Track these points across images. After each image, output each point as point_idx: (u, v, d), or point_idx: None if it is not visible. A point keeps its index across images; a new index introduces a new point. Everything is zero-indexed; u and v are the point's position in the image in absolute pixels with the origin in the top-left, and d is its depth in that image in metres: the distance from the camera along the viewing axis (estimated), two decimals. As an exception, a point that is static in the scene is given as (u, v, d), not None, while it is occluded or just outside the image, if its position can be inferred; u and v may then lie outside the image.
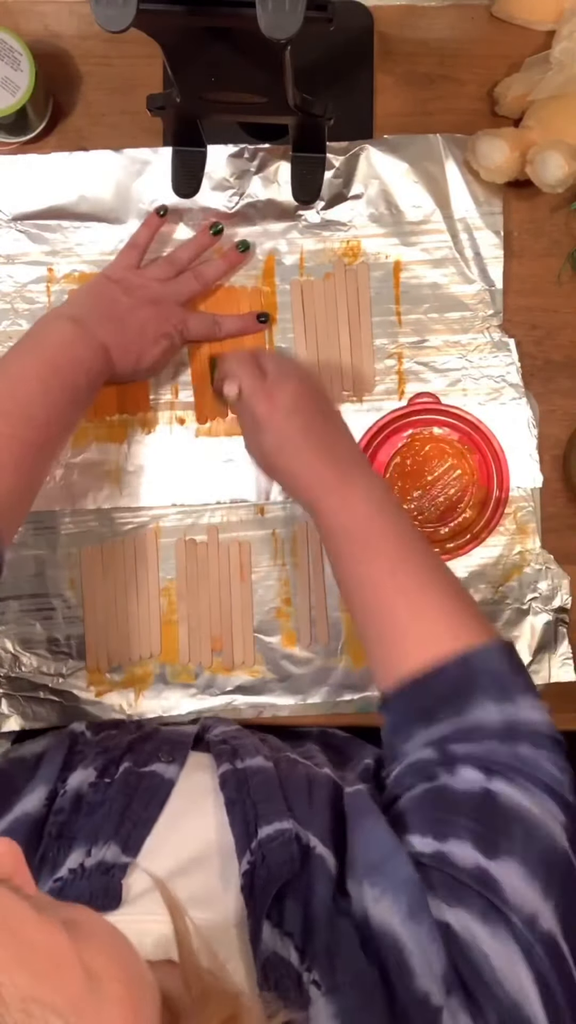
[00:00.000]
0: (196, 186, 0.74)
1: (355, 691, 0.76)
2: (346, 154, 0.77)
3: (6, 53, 0.70)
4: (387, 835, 0.48)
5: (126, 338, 0.69)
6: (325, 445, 0.62)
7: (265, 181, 0.77)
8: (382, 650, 0.58)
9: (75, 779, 0.55)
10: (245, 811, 0.50)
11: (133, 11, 0.47)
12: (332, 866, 0.47)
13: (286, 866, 0.46)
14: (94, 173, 0.77)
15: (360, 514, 0.60)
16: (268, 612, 0.77)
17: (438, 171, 0.77)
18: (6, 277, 0.77)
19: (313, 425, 0.62)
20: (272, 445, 0.62)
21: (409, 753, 0.53)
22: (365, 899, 0.44)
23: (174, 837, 0.50)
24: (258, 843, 0.47)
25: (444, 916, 0.42)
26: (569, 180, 0.71)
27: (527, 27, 0.78)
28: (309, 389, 0.64)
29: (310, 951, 0.42)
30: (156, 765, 0.55)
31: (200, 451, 0.77)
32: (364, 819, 0.50)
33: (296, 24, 0.45)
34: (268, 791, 0.51)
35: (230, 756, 0.55)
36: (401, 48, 0.78)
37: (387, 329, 0.78)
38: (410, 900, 0.43)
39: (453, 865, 0.45)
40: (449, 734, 0.52)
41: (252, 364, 0.65)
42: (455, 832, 0.46)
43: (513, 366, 0.77)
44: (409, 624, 0.57)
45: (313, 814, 0.50)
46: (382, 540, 0.59)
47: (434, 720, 0.52)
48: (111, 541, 0.77)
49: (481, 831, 0.46)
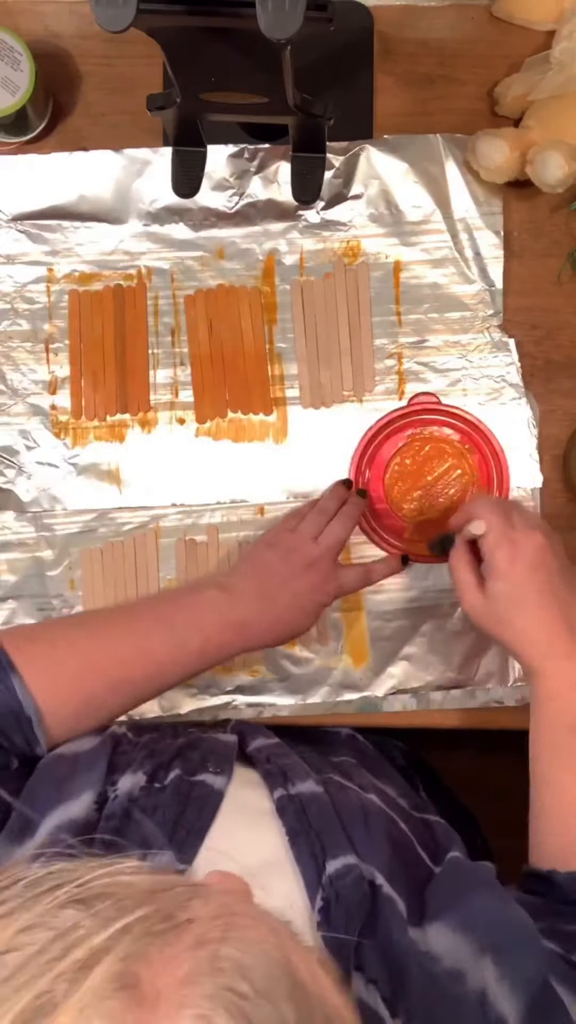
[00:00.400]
0: (196, 186, 0.74)
1: (355, 691, 0.76)
2: (346, 154, 0.77)
3: (6, 53, 0.70)
4: (524, 918, 0.47)
5: (274, 614, 0.66)
6: (561, 609, 0.60)
7: (265, 181, 0.77)
8: (561, 835, 0.57)
9: (125, 783, 0.53)
10: (311, 843, 0.49)
11: (133, 11, 0.47)
12: (402, 908, 0.46)
13: (362, 906, 0.45)
14: (94, 173, 0.77)
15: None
16: (268, 612, 0.77)
17: (438, 171, 0.77)
18: (6, 277, 0.77)
19: (555, 585, 0.60)
20: (506, 596, 0.60)
21: None
22: (485, 973, 0.43)
23: (230, 851, 0.49)
24: (328, 879, 0.46)
25: None
26: (569, 180, 0.71)
27: (527, 27, 0.78)
28: (554, 547, 0.62)
29: (403, 1005, 0.41)
30: (205, 775, 0.54)
31: (200, 451, 0.77)
32: (487, 888, 0.49)
33: (296, 24, 0.45)
34: (327, 821, 0.51)
35: (281, 780, 0.54)
36: (401, 48, 0.78)
37: (387, 329, 0.78)
38: (531, 1001, 0.42)
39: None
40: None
41: (503, 509, 0.62)
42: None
43: (513, 366, 0.77)
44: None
45: (372, 847, 0.50)
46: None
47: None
48: (111, 541, 0.77)
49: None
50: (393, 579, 0.76)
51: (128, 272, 0.78)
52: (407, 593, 0.77)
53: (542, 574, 0.60)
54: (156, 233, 0.78)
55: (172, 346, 0.78)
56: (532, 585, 0.60)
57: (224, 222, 0.77)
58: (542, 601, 0.60)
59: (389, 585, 0.76)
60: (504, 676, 0.76)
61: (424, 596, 0.77)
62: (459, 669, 0.76)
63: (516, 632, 0.60)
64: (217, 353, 0.78)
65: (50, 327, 0.77)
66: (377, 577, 0.73)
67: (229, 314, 0.77)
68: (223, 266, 0.78)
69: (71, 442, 0.77)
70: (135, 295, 0.78)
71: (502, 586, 0.60)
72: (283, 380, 0.78)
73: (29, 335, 0.77)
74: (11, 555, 0.76)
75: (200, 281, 0.78)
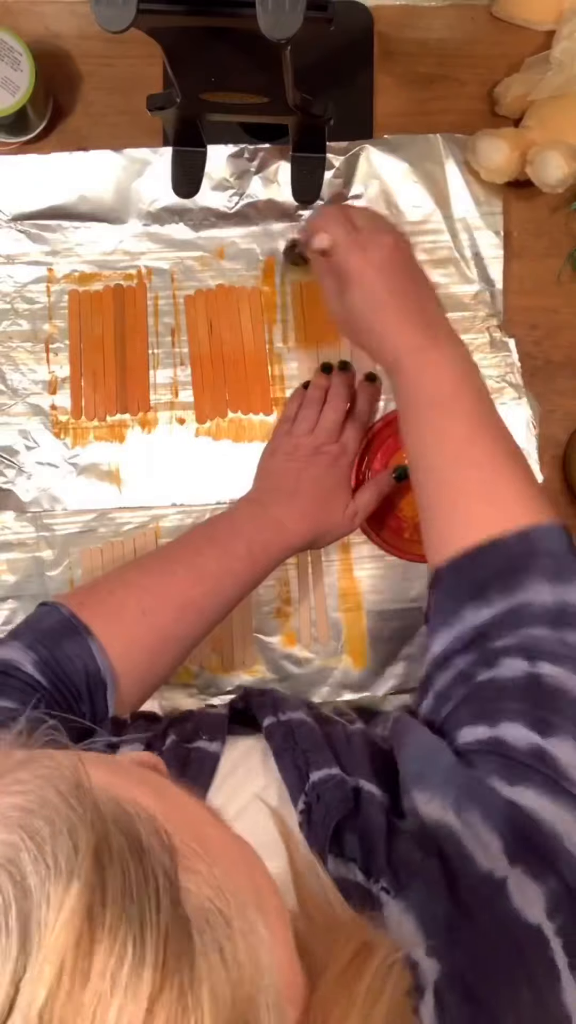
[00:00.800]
0: (196, 186, 0.74)
1: (355, 691, 0.76)
2: (346, 154, 0.77)
3: (6, 53, 0.70)
4: (428, 740, 0.48)
5: (302, 504, 0.69)
6: (415, 305, 0.60)
7: (265, 181, 0.77)
8: (443, 520, 0.57)
9: (123, 752, 0.53)
10: (295, 758, 0.49)
11: (133, 11, 0.47)
12: (382, 798, 0.47)
13: (342, 804, 0.46)
14: (94, 173, 0.77)
15: (445, 379, 0.58)
16: (268, 612, 0.77)
17: (438, 171, 0.77)
18: (6, 277, 0.77)
19: (405, 284, 0.60)
20: (360, 302, 0.60)
21: (452, 658, 0.52)
22: (417, 806, 0.44)
23: (226, 795, 0.50)
24: (311, 785, 0.47)
25: (507, 795, 0.43)
26: (569, 180, 0.71)
27: (527, 27, 0.78)
28: (402, 247, 0.61)
29: (374, 868, 0.42)
30: (199, 742, 0.55)
31: (200, 451, 0.77)
32: (407, 736, 0.50)
33: (296, 24, 0.45)
34: (314, 741, 0.51)
35: (272, 709, 0.55)
36: (401, 48, 0.78)
37: (387, 329, 0.78)
38: (457, 791, 0.43)
39: (509, 746, 0.45)
40: (496, 618, 0.50)
41: (345, 217, 0.62)
42: (506, 716, 0.46)
43: (513, 366, 0.77)
44: (477, 495, 0.56)
45: (356, 762, 0.50)
46: (463, 408, 0.58)
47: (484, 597, 0.51)
48: (111, 541, 0.77)
49: (532, 712, 0.46)
50: (393, 579, 0.76)
51: (128, 272, 0.78)
52: (407, 593, 0.77)
53: (393, 275, 0.60)
54: (156, 233, 0.78)
55: (172, 346, 0.78)
56: (384, 287, 0.60)
57: (224, 222, 0.77)
58: (394, 300, 0.60)
59: (389, 585, 0.76)
60: (504, 676, 0.76)
61: (424, 596, 0.76)
62: (459, 669, 0.76)
63: (374, 335, 0.61)
64: (217, 353, 0.78)
65: (50, 327, 0.77)
66: (384, 486, 0.74)
67: (229, 314, 0.77)
68: (223, 266, 0.78)
69: (71, 442, 0.77)
70: (135, 295, 0.78)
71: (354, 292, 0.60)
72: (283, 380, 0.78)
73: (29, 335, 0.77)
74: (11, 555, 0.76)
75: (200, 281, 0.78)
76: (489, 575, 0.52)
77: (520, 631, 0.50)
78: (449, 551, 0.54)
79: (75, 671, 0.58)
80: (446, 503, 0.57)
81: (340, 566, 0.77)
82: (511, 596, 0.50)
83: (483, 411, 0.59)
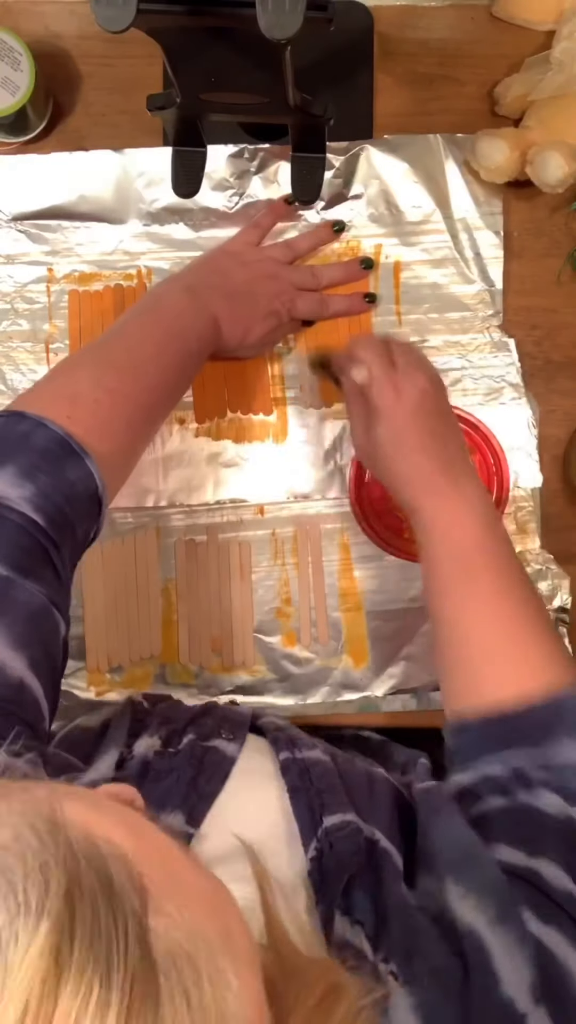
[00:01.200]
0: (196, 186, 0.74)
1: (355, 691, 0.76)
2: (346, 154, 0.77)
3: (6, 53, 0.70)
4: (471, 835, 0.47)
5: (236, 311, 0.69)
6: (442, 449, 0.61)
7: (265, 181, 0.77)
8: (469, 674, 0.57)
9: (141, 746, 0.54)
10: (310, 799, 0.49)
11: (133, 11, 0.47)
12: (399, 861, 0.47)
13: (354, 856, 0.45)
14: (94, 173, 0.77)
15: (468, 529, 0.58)
16: (268, 612, 0.77)
17: (438, 171, 0.77)
18: (6, 277, 0.77)
19: (434, 428, 0.61)
20: (388, 439, 0.61)
21: (478, 766, 0.53)
22: (448, 895, 0.44)
23: (236, 815, 0.50)
24: (324, 831, 0.47)
25: (534, 931, 0.42)
26: (569, 180, 0.71)
27: (527, 27, 0.78)
28: (435, 387, 0.62)
29: (384, 942, 0.42)
30: (218, 741, 0.55)
31: (200, 451, 0.77)
32: (441, 815, 0.49)
33: (296, 24, 0.45)
34: (330, 782, 0.51)
35: (288, 745, 0.55)
36: (401, 48, 0.78)
37: (387, 329, 0.78)
38: (499, 905, 0.43)
39: (546, 884, 0.45)
40: (524, 763, 0.51)
41: (384, 352, 0.63)
42: (546, 853, 0.46)
43: (513, 366, 0.77)
44: (502, 652, 0.56)
45: (374, 808, 0.50)
46: (487, 562, 0.58)
47: (510, 748, 0.52)
48: (111, 541, 0.77)
49: (571, 858, 0.46)
50: (393, 579, 0.76)
51: (128, 272, 0.78)
52: (407, 593, 0.77)
53: (423, 417, 0.61)
54: (156, 233, 0.78)
55: (172, 346, 0.78)
56: (413, 428, 0.60)
57: (224, 222, 0.77)
58: (423, 443, 0.60)
59: (389, 585, 0.76)
60: (504, 676, 0.76)
61: (424, 596, 0.77)
62: (459, 669, 0.76)
63: (397, 475, 0.61)
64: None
65: (50, 327, 0.77)
66: (334, 307, 0.75)
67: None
68: (223, 266, 0.78)
69: (71, 442, 0.77)
70: (135, 295, 0.78)
71: (384, 430, 0.61)
72: (283, 380, 0.78)
73: (29, 335, 0.77)
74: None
75: (200, 281, 0.78)
76: (520, 735, 0.53)
77: (554, 773, 0.50)
78: (475, 703, 0.55)
79: (76, 496, 0.55)
80: (474, 658, 0.57)
81: (340, 566, 0.77)
82: (543, 752, 0.51)
83: (507, 564, 0.59)
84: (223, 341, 0.69)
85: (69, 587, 0.56)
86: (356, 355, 0.63)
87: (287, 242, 0.75)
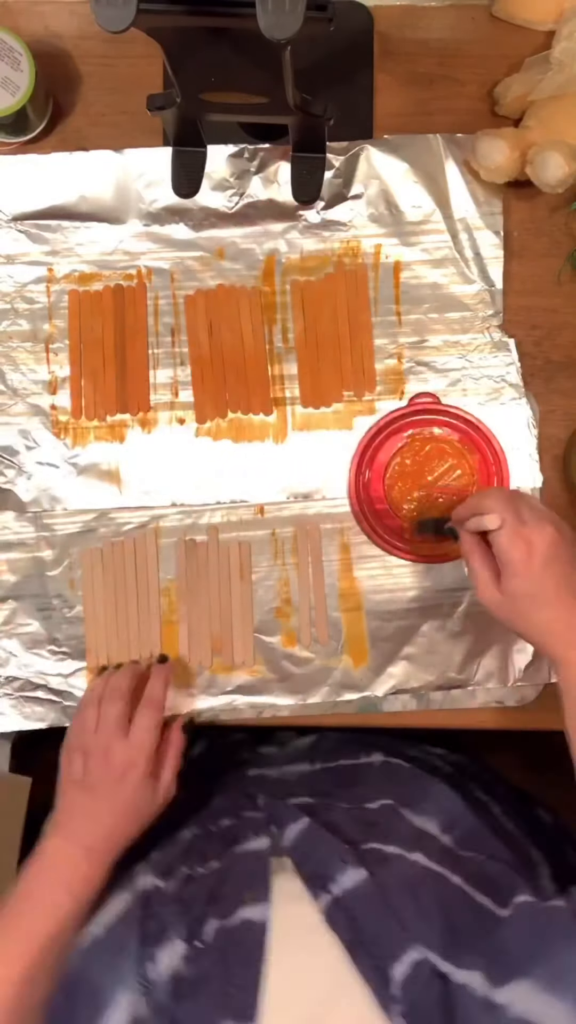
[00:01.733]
0: (196, 186, 0.74)
1: (355, 691, 0.76)
2: (346, 154, 0.77)
3: (6, 53, 0.71)
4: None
5: (104, 824, 0.64)
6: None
7: (265, 181, 0.77)
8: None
9: (165, 959, 0.51)
10: (371, 955, 0.48)
11: (133, 11, 0.47)
12: (477, 987, 0.46)
13: (440, 1003, 0.45)
14: (94, 173, 0.77)
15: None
16: (268, 612, 0.77)
17: (438, 171, 0.77)
18: (6, 277, 0.77)
19: (568, 577, 0.61)
20: (524, 592, 0.61)
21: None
22: None
23: (291, 990, 0.48)
24: (400, 989, 0.46)
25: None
26: (569, 180, 0.71)
27: (527, 27, 0.78)
28: (565, 538, 0.62)
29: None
30: (243, 911, 0.53)
31: (200, 451, 0.77)
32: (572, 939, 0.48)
33: (296, 24, 0.45)
34: (378, 918, 0.50)
35: (321, 882, 0.54)
36: (401, 48, 0.78)
37: (387, 329, 0.78)
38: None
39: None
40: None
41: (512, 503, 0.62)
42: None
43: (513, 366, 0.77)
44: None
45: (426, 924, 0.50)
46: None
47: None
48: (111, 541, 0.77)
49: None
50: (393, 579, 0.76)
51: (128, 272, 0.78)
52: (407, 593, 0.77)
53: (557, 567, 0.61)
54: (156, 233, 0.78)
55: (172, 346, 0.78)
56: (549, 580, 0.60)
57: (224, 222, 0.77)
58: (559, 594, 0.60)
59: (389, 585, 0.76)
60: (504, 676, 0.76)
61: (424, 596, 0.77)
62: (459, 669, 0.76)
63: (536, 626, 0.61)
64: (217, 353, 0.78)
65: (50, 327, 0.77)
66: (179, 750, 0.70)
67: (229, 314, 0.77)
68: (223, 266, 0.78)
69: (71, 442, 0.77)
70: (135, 295, 0.78)
71: (519, 583, 0.61)
72: (283, 380, 0.78)
73: (29, 335, 0.77)
74: (11, 555, 0.76)
75: (200, 281, 0.78)
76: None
77: None
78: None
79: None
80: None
81: (340, 566, 0.77)
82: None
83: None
84: (111, 853, 0.64)
85: None
86: (484, 506, 0.63)
87: (108, 698, 0.69)
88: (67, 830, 0.64)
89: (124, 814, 0.65)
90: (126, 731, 0.67)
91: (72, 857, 0.63)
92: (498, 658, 0.76)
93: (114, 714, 0.67)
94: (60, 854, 0.63)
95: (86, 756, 0.66)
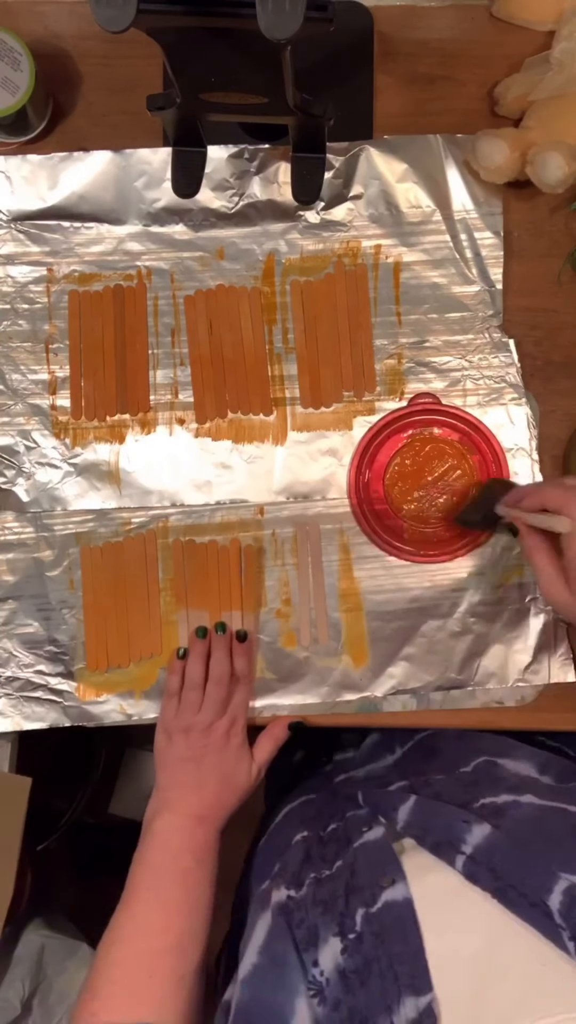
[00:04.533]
0: (196, 186, 0.74)
1: (355, 691, 0.76)
2: (346, 154, 0.77)
3: (6, 53, 0.71)
4: None
5: (212, 793, 0.70)
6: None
7: (265, 181, 0.77)
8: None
9: (326, 958, 0.51)
10: (522, 894, 0.48)
11: (133, 11, 0.47)
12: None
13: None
14: (94, 173, 0.77)
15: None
16: (268, 612, 0.77)
17: (438, 171, 0.77)
18: (6, 277, 0.77)
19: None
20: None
21: None
22: None
23: (453, 951, 0.48)
24: (562, 918, 0.46)
25: None
26: (569, 180, 0.71)
27: (527, 27, 0.78)
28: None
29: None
30: (384, 895, 0.53)
31: (200, 451, 0.77)
32: None
33: (296, 24, 0.45)
34: (517, 859, 0.50)
35: (450, 847, 0.54)
36: (401, 48, 0.78)
37: (387, 329, 0.78)
38: None
39: None
40: None
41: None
42: None
43: (513, 366, 0.77)
44: None
45: (563, 853, 0.50)
46: None
47: None
48: (111, 541, 0.77)
49: None
50: (393, 579, 0.76)
51: (128, 272, 0.78)
52: (407, 593, 0.77)
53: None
54: (156, 233, 0.78)
55: (172, 346, 0.78)
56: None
57: (224, 222, 0.77)
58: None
59: (389, 585, 0.76)
60: (504, 676, 0.76)
61: (424, 596, 0.77)
62: (459, 669, 0.76)
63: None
64: (217, 353, 0.78)
65: (50, 327, 0.77)
66: (280, 737, 0.75)
67: (229, 314, 0.77)
68: (223, 266, 0.78)
69: (71, 442, 0.77)
70: (135, 295, 0.78)
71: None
72: (283, 380, 0.78)
73: (29, 335, 0.77)
74: (11, 555, 0.76)
75: (200, 281, 0.78)
76: None
77: None
78: None
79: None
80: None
81: (340, 566, 0.77)
82: None
83: None
84: (221, 820, 0.70)
85: None
86: (551, 503, 0.62)
87: (187, 687, 0.73)
88: (176, 805, 0.69)
89: (226, 781, 0.71)
90: (222, 711, 0.73)
91: (186, 827, 0.68)
92: (498, 658, 0.76)
93: (217, 696, 0.73)
94: (174, 826, 0.68)
95: (187, 733, 0.71)
